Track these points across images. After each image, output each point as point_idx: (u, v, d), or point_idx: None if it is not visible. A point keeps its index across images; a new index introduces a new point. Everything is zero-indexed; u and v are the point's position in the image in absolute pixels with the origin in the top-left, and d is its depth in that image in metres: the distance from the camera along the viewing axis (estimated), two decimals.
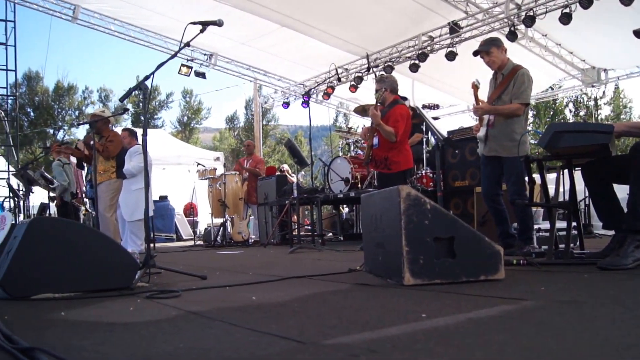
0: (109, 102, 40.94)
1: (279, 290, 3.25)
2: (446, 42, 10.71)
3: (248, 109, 42.48)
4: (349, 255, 6.10)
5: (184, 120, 41.62)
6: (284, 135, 43.54)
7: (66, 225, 3.48)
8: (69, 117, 39.57)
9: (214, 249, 9.24)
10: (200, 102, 42.48)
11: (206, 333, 2.07)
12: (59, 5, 11.93)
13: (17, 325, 2.21)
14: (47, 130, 37.49)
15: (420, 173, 7.70)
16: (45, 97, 37.62)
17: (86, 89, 40.59)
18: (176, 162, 16.08)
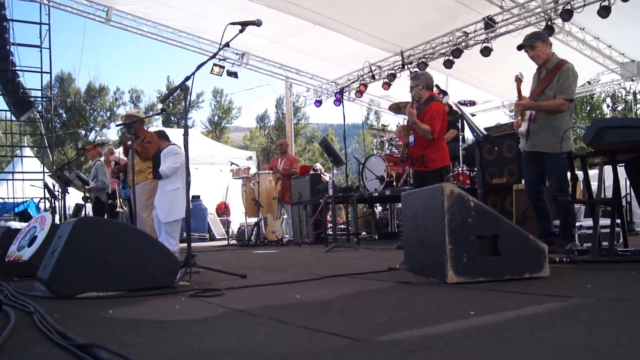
0: (140, 103, 41.65)
1: (322, 289, 3.25)
2: (481, 38, 10.56)
3: (279, 108, 42.68)
4: (385, 254, 6.07)
5: (215, 119, 42.00)
6: (314, 134, 43.60)
7: (110, 224, 3.55)
8: (101, 118, 40.41)
9: (248, 248, 9.28)
10: (230, 101, 42.83)
11: (256, 330, 2.09)
12: (92, 7, 12.15)
13: (67, 323, 2.26)
14: (79, 131, 38.32)
15: (457, 170, 7.61)
16: (77, 98, 38.41)
17: (117, 90, 41.46)
18: (209, 162, 16.20)
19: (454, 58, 10.89)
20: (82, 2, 12.00)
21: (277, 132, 41.90)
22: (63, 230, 3.53)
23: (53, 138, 14.41)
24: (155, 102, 41.73)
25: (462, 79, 13.14)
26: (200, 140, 18.61)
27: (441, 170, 6.14)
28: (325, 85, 15.09)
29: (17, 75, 13.17)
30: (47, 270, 3.36)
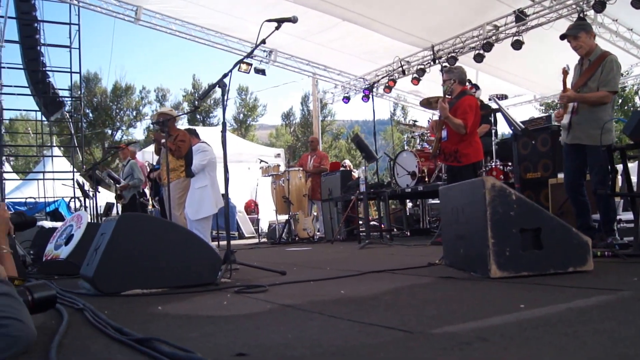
0: (166, 102, 42.10)
1: (365, 284, 3.25)
2: (512, 31, 10.41)
3: (304, 105, 42.75)
4: (421, 250, 6.04)
5: (240, 117, 42.22)
6: (340, 131, 43.58)
7: (153, 221, 3.59)
8: (127, 117, 40.94)
9: (280, 246, 9.30)
10: (256, 99, 43.01)
11: (309, 325, 2.10)
12: (121, 7, 12.31)
13: (119, 320, 2.28)
14: (105, 130, 38.90)
15: (490, 165, 7.51)
16: (103, 98, 38.98)
17: (143, 89, 41.84)
18: (237, 160, 16.26)
19: (484, 52, 10.76)
20: (112, 2, 12.16)
21: (302, 129, 41.99)
22: (105, 228, 3.58)
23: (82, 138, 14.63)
24: (181, 101, 42.21)
25: (492, 72, 12.97)
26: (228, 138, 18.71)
27: (475, 165, 6.08)
28: (353, 82, 15.04)
29: (48, 75, 13.39)
30: (91, 267, 3.41)
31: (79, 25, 13.46)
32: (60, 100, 13.46)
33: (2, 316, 1.74)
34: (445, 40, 11.68)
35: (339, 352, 1.62)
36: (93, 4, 12.14)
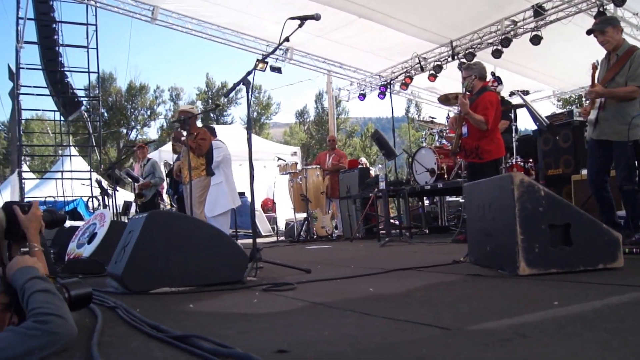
0: (180, 101, 42.33)
1: (392, 282, 3.25)
2: (530, 26, 10.32)
3: (318, 103, 42.78)
4: (442, 247, 6.00)
5: (254, 116, 42.32)
6: (354, 128, 43.51)
7: (181, 219, 3.60)
8: (141, 116, 41.25)
9: (298, 244, 9.30)
10: (269, 97, 43.12)
11: (344, 322, 2.10)
12: (138, 6, 12.39)
13: (153, 318, 2.29)
14: (120, 130, 39.21)
15: (510, 162, 7.44)
16: (118, 97, 39.28)
17: (157, 88, 42.16)
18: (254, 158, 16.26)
19: (502, 47, 10.67)
20: (129, 2, 12.26)
21: (316, 127, 42.01)
22: (133, 225, 3.60)
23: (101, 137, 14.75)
24: (195, 100, 42.42)
25: (510, 68, 12.85)
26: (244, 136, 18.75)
27: (496, 162, 6.04)
28: (369, 79, 15.00)
29: (66, 75, 13.51)
30: (119, 266, 3.42)
31: (96, 25, 13.54)
32: (79, 100, 13.57)
33: (44, 312, 1.76)
34: (462, 36, 11.60)
35: (380, 349, 1.62)
36: (110, 4, 12.25)
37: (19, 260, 2.04)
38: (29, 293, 1.85)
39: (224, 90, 43.16)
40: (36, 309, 1.78)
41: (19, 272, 1.95)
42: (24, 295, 1.87)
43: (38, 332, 1.72)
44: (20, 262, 2.01)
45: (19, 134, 12.46)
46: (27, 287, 1.87)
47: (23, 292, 1.87)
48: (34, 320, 1.75)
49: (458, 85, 12.69)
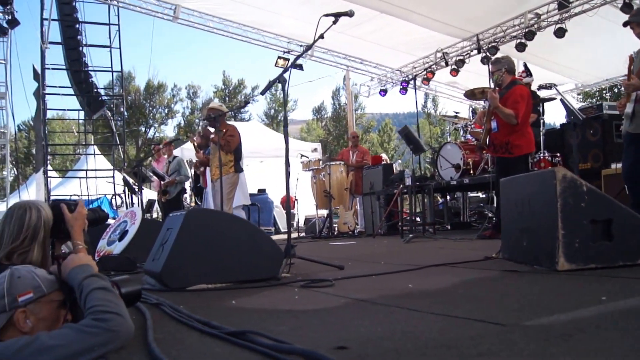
0: (197, 99, 42.66)
1: (429, 278, 3.24)
2: (554, 19, 10.18)
3: (335, 99, 42.75)
4: (468, 243, 5.96)
5: (271, 113, 42.42)
6: (370, 124, 43.42)
7: (219, 216, 3.63)
8: (159, 114, 41.57)
9: (321, 240, 9.28)
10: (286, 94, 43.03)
11: (393, 318, 2.10)
12: (160, 5, 12.45)
13: (197, 314, 2.30)
14: (139, 128, 39.55)
15: (538, 157, 7.36)
16: (137, 96, 39.62)
17: (175, 86, 42.43)
18: (274, 155, 16.32)
19: (526, 41, 10.55)
20: (151, 2, 12.32)
21: (334, 124, 41.99)
22: (172, 223, 3.62)
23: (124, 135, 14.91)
24: (212, 97, 42.63)
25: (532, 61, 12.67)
26: (265, 133, 18.79)
27: (527, 157, 5.99)
28: (390, 74, 14.93)
29: (90, 75, 13.67)
30: (157, 263, 3.45)
31: (118, 25, 13.68)
32: (102, 99, 13.72)
33: (103, 310, 1.78)
34: (485, 29, 11.47)
35: (441, 345, 1.62)
36: (132, 4, 12.33)
37: (74, 258, 2.06)
38: (87, 291, 1.87)
39: (241, 87, 43.43)
40: (95, 306, 1.80)
41: (76, 270, 1.98)
42: (82, 293, 1.89)
43: (97, 329, 1.74)
44: (76, 260, 2.04)
45: (44, 133, 12.62)
46: (84, 284, 1.90)
47: (81, 289, 1.90)
48: (93, 317, 1.77)
49: (480, 80, 12.67)
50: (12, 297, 1.88)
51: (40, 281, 1.97)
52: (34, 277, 1.98)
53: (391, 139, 41.62)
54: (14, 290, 1.91)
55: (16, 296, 1.89)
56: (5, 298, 1.88)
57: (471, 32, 11.78)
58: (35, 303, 1.92)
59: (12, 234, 2.57)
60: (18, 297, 1.89)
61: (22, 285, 1.93)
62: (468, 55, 12.16)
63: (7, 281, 1.92)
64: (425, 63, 13.38)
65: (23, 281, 1.95)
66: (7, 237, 2.59)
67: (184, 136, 34.66)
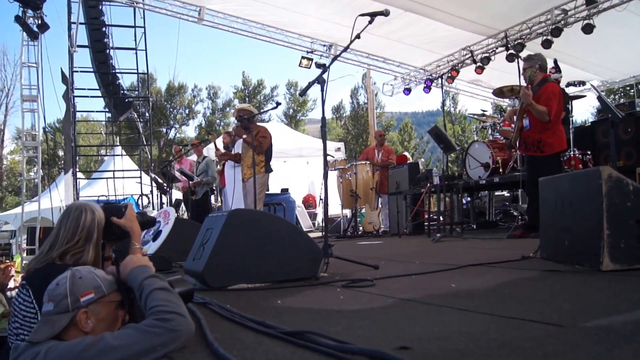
0: (217, 99, 42.93)
1: (470, 278, 3.23)
2: (582, 15, 10.04)
3: (354, 98, 42.69)
4: (499, 243, 5.90)
5: (290, 112, 42.52)
6: (390, 123, 43.26)
7: (260, 216, 3.66)
8: (180, 115, 41.92)
9: (346, 239, 9.26)
10: (306, 93, 43.23)
11: (446, 318, 2.10)
12: (185, 7, 12.53)
13: (247, 314, 2.34)
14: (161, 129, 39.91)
15: (568, 155, 7.26)
16: (158, 97, 39.99)
17: (195, 87, 42.75)
18: (297, 155, 16.37)
19: (552, 37, 10.42)
20: (176, 4, 12.41)
21: (353, 123, 41.93)
22: (212, 223, 3.67)
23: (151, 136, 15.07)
24: (232, 98, 42.90)
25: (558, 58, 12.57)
26: (287, 133, 18.82)
27: (559, 155, 5.93)
28: (413, 73, 14.86)
29: (117, 77, 13.86)
30: (198, 262, 3.51)
31: (144, 27, 13.84)
32: (129, 101, 13.90)
33: (166, 310, 1.81)
34: (511, 26, 11.36)
35: (503, 346, 1.63)
36: (158, 7, 12.42)
37: (132, 259, 2.10)
38: (147, 291, 1.91)
39: (260, 88, 43.61)
40: (157, 307, 1.84)
41: (136, 271, 2.02)
42: (142, 293, 1.93)
43: (160, 329, 1.77)
44: (135, 261, 2.08)
45: (74, 135, 12.82)
46: (145, 285, 1.94)
47: (141, 290, 1.94)
48: (155, 317, 1.81)
49: (504, 77, 12.56)
50: (74, 297, 1.93)
51: (100, 281, 2.02)
52: (94, 278, 2.03)
53: (411, 137, 41.47)
54: (76, 290, 1.95)
55: (78, 296, 1.94)
56: (68, 298, 1.93)
57: (496, 29, 11.67)
58: (96, 303, 1.97)
59: (68, 234, 2.63)
60: (80, 297, 1.94)
61: (84, 286, 1.98)
62: (493, 52, 12.05)
63: (69, 281, 1.97)
64: (450, 61, 13.29)
65: (84, 281, 2.00)
66: (62, 236, 2.65)
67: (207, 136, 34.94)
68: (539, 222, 5.75)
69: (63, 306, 1.92)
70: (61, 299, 1.93)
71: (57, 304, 1.92)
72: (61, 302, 1.92)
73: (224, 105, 43.43)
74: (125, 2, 12.65)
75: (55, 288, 1.97)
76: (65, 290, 1.94)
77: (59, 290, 1.95)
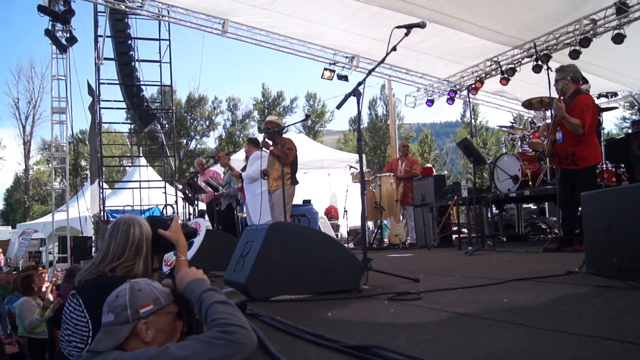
0: (237, 111, 43.21)
1: (520, 292, 3.16)
2: (612, 24, 9.90)
3: (372, 109, 42.68)
4: (536, 257, 5.77)
5: (308, 124, 42.63)
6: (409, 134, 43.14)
7: (299, 229, 3.65)
8: (200, 127, 42.25)
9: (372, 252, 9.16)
10: (324, 105, 43.52)
11: (511, 334, 2.05)
12: (209, 20, 12.62)
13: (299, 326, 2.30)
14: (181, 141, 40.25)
15: (600, 168, 7.13)
16: (178, 109, 40.40)
17: (215, 99, 43.10)
18: (319, 166, 16.33)
19: (581, 48, 10.28)
20: (200, 17, 12.51)
21: (370, 134, 41.88)
22: (251, 236, 3.67)
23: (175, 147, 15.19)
24: (252, 110, 43.18)
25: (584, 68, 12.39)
26: (308, 145, 18.83)
27: (594, 168, 5.83)
28: (437, 84, 14.79)
29: (142, 89, 14.04)
30: (240, 273, 3.49)
31: (169, 40, 14.02)
32: (153, 113, 14.04)
33: (228, 323, 1.79)
34: (536, 37, 11.22)
35: None
36: (183, 19, 12.53)
37: (188, 272, 2.09)
38: (207, 304, 1.89)
39: (280, 99, 43.85)
40: (219, 319, 1.82)
41: (193, 284, 2.01)
42: (201, 306, 1.92)
43: (223, 341, 1.76)
44: (191, 274, 2.07)
45: (100, 146, 12.96)
46: (204, 298, 1.92)
47: (200, 302, 1.93)
48: (218, 330, 1.79)
49: (529, 88, 12.43)
50: (134, 309, 1.95)
51: (158, 293, 2.04)
52: (152, 290, 2.04)
53: (431, 149, 41.30)
54: (136, 301, 1.98)
55: (138, 307, 1.96)
56: (128, 309, 1.95)
57: (522, 40, 11.55)
58: (155, 315, 1.98)
59: (118, 248, 2.67)
60: (140, 308, 1.96)
61: (143, 297, 2.00)
62: (519, 63, 11.93)
63: (128, 293, 2.00)
64: (474, 72, 13.19)
65: (143, 293, 2.02)
66: (112, 250, 2.69)
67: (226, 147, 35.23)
68: (575, 236, 5.71)
69: (123, 317, 1.94)
70: (121, 310, 1.95)
71: (117, 315, 1.94)
72: (121, 314, 1.94)
73: (244, 116, 43.74)
74: (151, 16, 12.80)
75: (115, 300, 1.99)
76: (125, 302, 1.97)
77: (119, 302, 1.97)
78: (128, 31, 13.49)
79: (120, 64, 13.21)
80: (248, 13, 12.27)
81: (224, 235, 7.03)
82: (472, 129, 7.49)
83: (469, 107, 38.06)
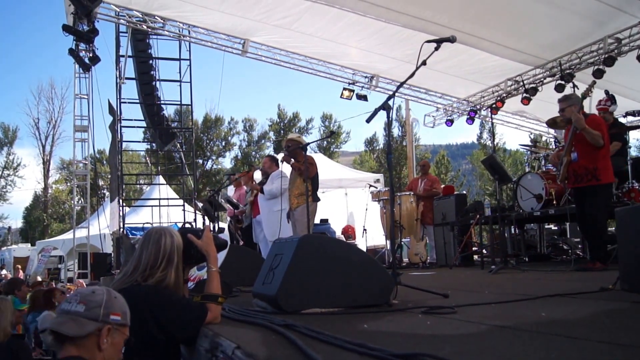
0: (253, 132, 43.50)
1: (556, 307, 3.10)
2: (637, 44, 9.83)
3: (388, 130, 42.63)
4: (564, 275, 5.69)
5: (324, 144, 42.75)
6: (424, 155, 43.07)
7: (331, 242, 3.62)
8: (217, 147, 42.53)
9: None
10: (339, 126, 43.67)
11: (556, 345, 1.99)
12: (229, 40, 12.77)
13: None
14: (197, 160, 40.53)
15: (627, 187, 7.02)
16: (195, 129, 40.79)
17: (231, 119, 43.46)
18: (337, 185, 16.31)
19: (605, 67, 10.22)
20: (221, 37, 12.67)
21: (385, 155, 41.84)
22: (281, 249, 3.65)
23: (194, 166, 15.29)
24: (267, 130, 43.41)
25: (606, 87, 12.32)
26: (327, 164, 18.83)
27: (612, 185, 5.84)
28: (456, 104, 14.77)
29: (162, 108, 14.19)
30: (269, 286, 3.47)
31: (189, 60, 14.19)
32: (173, 132, 14.17)
33: None
34: (559, 56, 11.18)
35: None
36: (204, 39, 12.70)
37: None
38: None
39: (295, 120, 44.08)
40: None
41: None
42: None
43: None
44: None
45: (120, 165, 13.08)
46: None
47: None
48: None
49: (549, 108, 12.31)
50: (107, 311, 2.08)
51: (127, 311, 2.19)
52: (124, 304, 2.19)
53: (448, 170, 41.14)
54: (110, 306, 2.11)
55: (110, 312, 2.09)
56: (101, 309, 2.07)
57: (544, 59, 11.52)
58: (117, 328, 2.12)
59: (150, 258, 2.70)
60: (111, 314, 2.10)
61: (117, 306, 2.14)
62: (541, 82, 11.88)
63: (106, 295, 2.12)
64: (494, 92, 13.17)
65: (118, 302, 2.16)
66: (144, 260, 2.71)
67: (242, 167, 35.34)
68: (606, 254, 5.64)
69: (94, 314, 2.04)
70: (94, 307, 2.06)
71: (89, 309, 2.05)
72: (94, 310, 2.05)
73: (259, 137, 43.99)
74: (172, 36, 12.98)
75: (91, 294, 2.11)
76: (101, 301, 2.08)
77: (95, 298, 2.09)
78: (149, 51, 13.69)
79: (141, 83, 13.38)
80: (269, 33, 12.41)
81: (246, 250, 7.05)
82: (492, 149, 7.41)
83: (485, 128, 38.14)
